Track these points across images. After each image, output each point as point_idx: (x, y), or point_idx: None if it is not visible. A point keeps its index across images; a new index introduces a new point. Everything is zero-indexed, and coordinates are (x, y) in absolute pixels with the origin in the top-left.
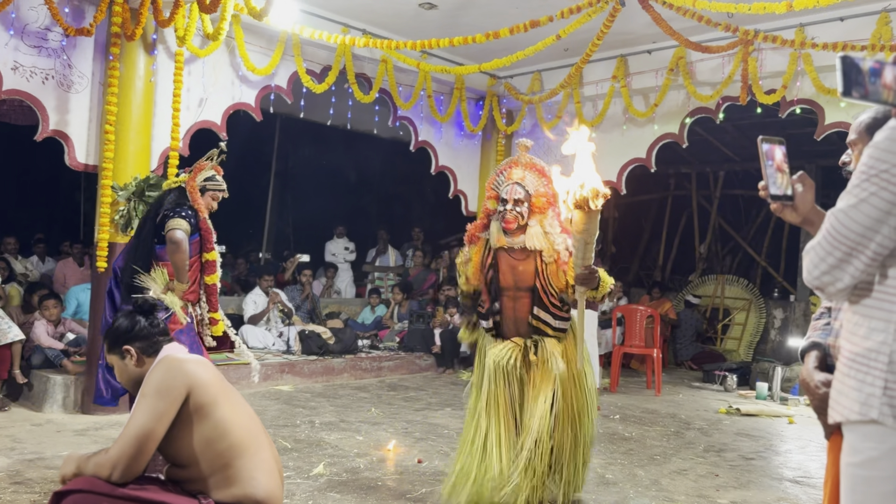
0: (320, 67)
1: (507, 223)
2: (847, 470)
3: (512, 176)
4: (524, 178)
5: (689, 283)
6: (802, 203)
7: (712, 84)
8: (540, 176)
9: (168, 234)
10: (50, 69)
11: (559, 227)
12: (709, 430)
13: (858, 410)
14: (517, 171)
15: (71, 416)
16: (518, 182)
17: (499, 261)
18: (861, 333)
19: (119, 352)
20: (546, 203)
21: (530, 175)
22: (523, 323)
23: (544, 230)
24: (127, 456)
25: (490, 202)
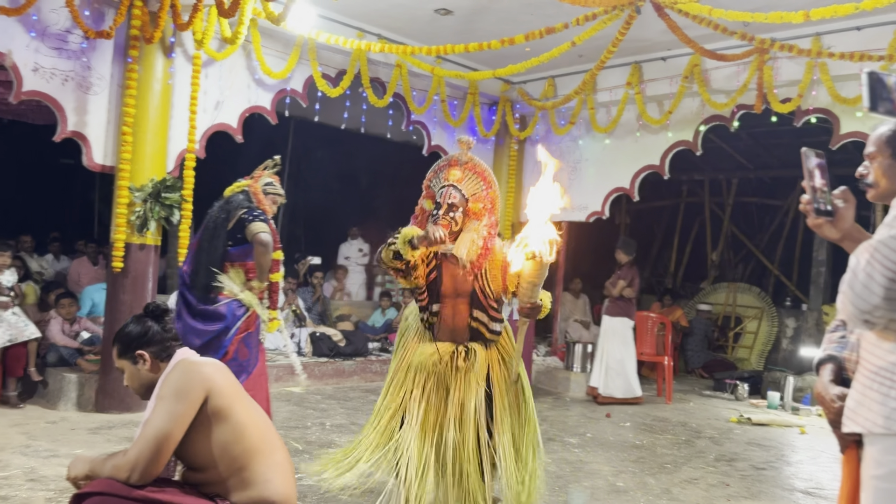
0: (335, 71)
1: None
2: (870, 482)
3: (449, 177)
4: (462, 179)
5: (700, 291)
6: (843, 220)
7: (727, 92)
8: (479, 179)
9: (256, 236)
10: (70, 71)
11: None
12: (720, 440)
13: (883, 424)
14: (455, 172)
15: (85, 415)
16: (454, 184)
17: (441, 265)
18: (886, 347)
19: (131, 357)
20: (482, 209)
21: (469, 177)
22: (461, 329)
23: (472, 239)
24: (145, 458)
25: (426, 202)
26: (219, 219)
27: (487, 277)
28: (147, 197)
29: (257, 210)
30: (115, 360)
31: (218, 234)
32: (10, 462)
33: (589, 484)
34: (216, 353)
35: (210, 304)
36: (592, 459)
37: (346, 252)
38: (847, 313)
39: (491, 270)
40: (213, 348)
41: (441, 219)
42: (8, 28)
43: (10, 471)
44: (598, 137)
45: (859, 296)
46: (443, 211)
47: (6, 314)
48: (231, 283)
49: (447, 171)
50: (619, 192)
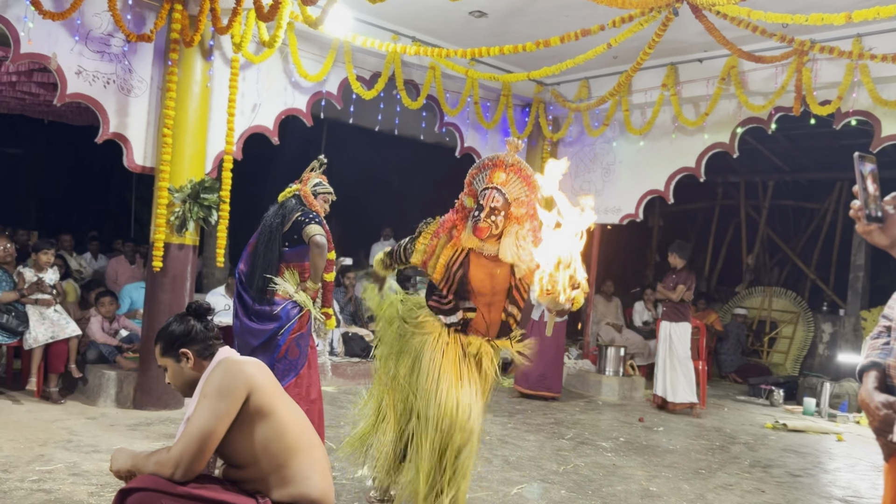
0: (370, 74)
1: (478, 231)
2: None
3: (494, 178)
4: (506, 182)
5: (735, 295)
6: (893, 226)
7: (765, 94)
8: (523, 183)
9: (312, 238)
10: (111, 73)
11: (531, 240)
12: (755, 445)
13: None
14: (500, 174)
15: (124, 411)
16: (498, 187)
17: (470, 262)
18: None
19: (175, 355)
20: (525, 214)
21: (513, 181)
22: (495, 325)
23: (517, 244)
24: (189, 455)
25: (467, 198)
26: (274, 223)
27: (519, 280)
28: (186, 198)
29: (312, 212)
30: (158, 357)
31: (274, 237)
32: (52, 456)
33: (623, 488)
34: (272, 352)
35: (266, 305)
36: (626, 464)
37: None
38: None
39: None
40: (269, 348)
41: (482, 221)
42: (52, 32)
43: (53, 465)
44: (633, 139)
45: None
46: (484, 213)
47: (48, 312)
48: (286, 284)
49: (492, 171)
50: (654, 194)
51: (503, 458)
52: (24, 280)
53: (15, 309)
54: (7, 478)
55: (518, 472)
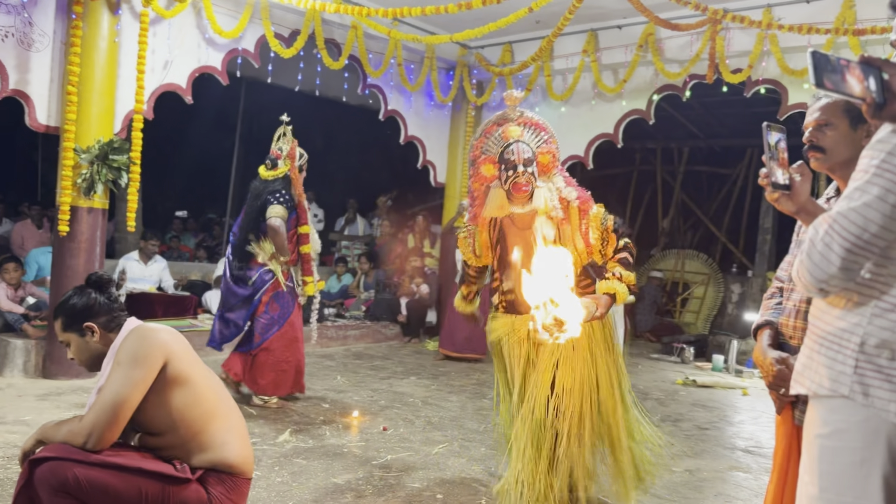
0: (289, 32)
1: (519, 189)
2: (815, 441)
3: (510, 134)
4: (524, 134)
5: (651, 258)
6: (799, 193)
7: (680, 62)
8: (539, 130)
9: (268, 221)
10: (10, 27)
11: (564, 182)
12: (666, 401)
13: (829, 386)
14: (514, 129)
15: (32, 381)
16: (519, 140)
17: (506, 234)
18: (835, 314)
19: (79, 329)
20: (552, 160)
21: (529, 130)
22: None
23: (551, 191)
24: (102, 423)
25: (486, 168)
26: (259, 195)
27: (569, 236)
28: (94, 159)
29: (283, 194)
30: (60, 333)
31: (254, 210)
32: None
33: None
34: (248, 309)
35: (244, 271)
36: None
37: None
38: (804, 282)
39: (573, 229)
40: (246, 306)
41: (520, 176)
42: None
43: None
44: (555, 105)
45: (817, 265)
46: (521, 168)
47: None
48: (261, 251)
49: (505, 129)
50: (574, 160)
51: (426, 419)
52: None
53: None
54: None
55: (440, 433)
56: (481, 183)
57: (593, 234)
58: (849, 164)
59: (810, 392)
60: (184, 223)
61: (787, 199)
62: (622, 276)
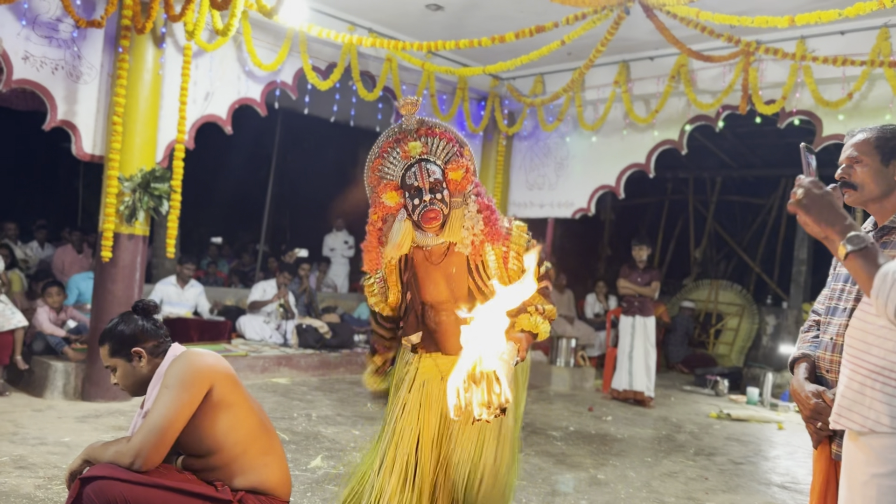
0: (325, 64)
1: (429, 220)
2: (873, 481)
3: (411, 151)
4: (428, 150)
5: (683, 287)
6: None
7: (713, 92)
8: (445, 141)
9: None
10: (60, 59)
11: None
12: (699, 434)
13: (889, 423)
14: (415, 145)
15: (71, 403)
16: (424, 157)
17: (417, 269)
18: (889, 347)
19: (126, 355)
20: (465, 176)
21: (434, 143)
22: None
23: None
24: (149, 445)
25: (388, 196)
26: None
27: (484, 271)
28: (136, 187)
29: None
30: (106, 358)
31: None
32: None
33: (572, 476)
34: None
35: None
36: (575, 452)
37: (332, 243)
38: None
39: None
40: None
41: (429, 205)
42: None
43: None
44: (586, 135)
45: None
46: (428, 196)
47: None
48: None
49: (403, 145)
50: (605, 189)
51: None
52: None
53: None
54: None
55: None
56: (385, 213)
57: (514, 261)
58: (882, 199)
59: (864, 428)
60: (219, 249)
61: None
62: (545, 310)
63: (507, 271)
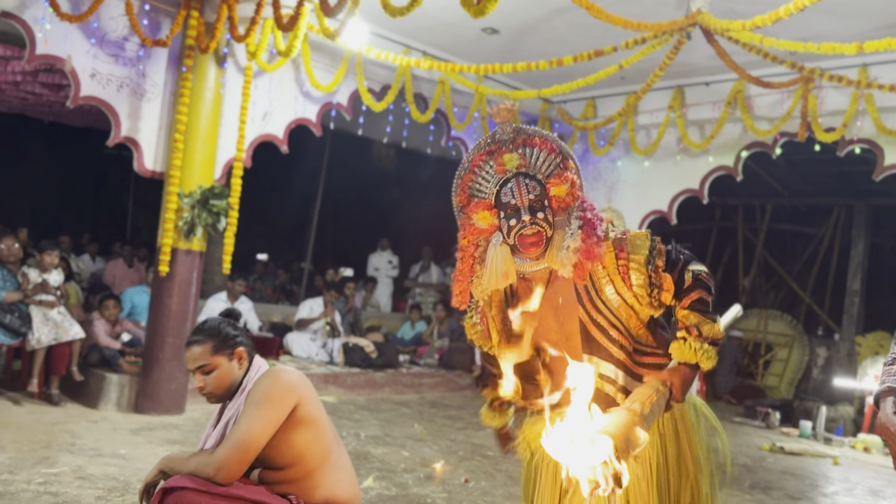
0: (380, 86)
1: (527, 244)
2: None
3: (507, 165)
4: (526, 162)
5: None
6: None
7: (770, 119)
8: (546, 152)
9: None
10: (125, 77)
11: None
12: (753, 468)
13: None
14: (511, 157)
15: (125, 416)
16: (521, 171)
17: (521, 300)
18: None
19: (229, 353)
20: (569, 192)
21: (534, 155)
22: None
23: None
24: (234, 459)
25: (481, 217)
26: None
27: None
28: (195, 203)
29: None
30: (205, 356)
31: None
32: (57, 459)
33: None
34: None
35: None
36: None
37: (376, 263)
38: None
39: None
40: None
41: (528, 227)
42: (69, 34)
43: (58, 468)
44: (638, 159)
45: None
46: (527, 216)
47: (52, 313)
48: None
49: (498, 158)
50: (657, 214)
51: (506, 474)
52: (29, 280)
53: (18, 309)
54: (13, 479)
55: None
56: (476, 237)
57: (636, 277)
58: None
59: None
60: (265, 266)
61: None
62: (701, 329)
63: (630, 289)
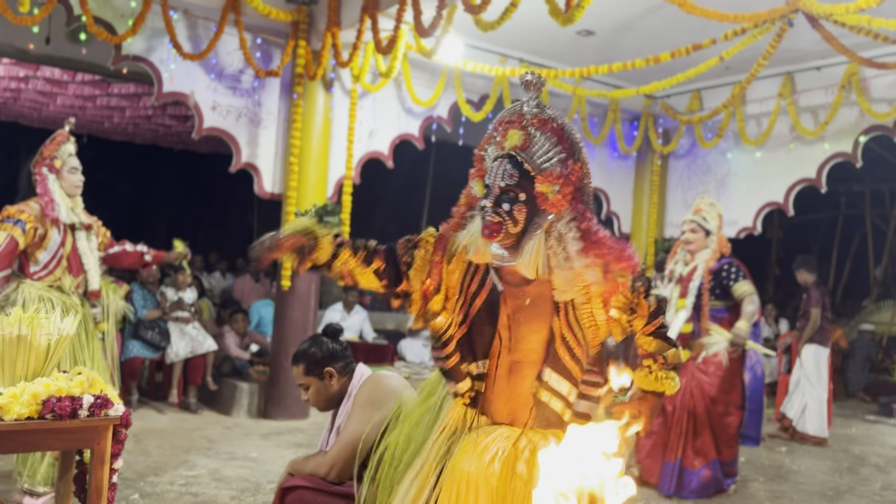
0: (478, 96)
1: (484, 232)
2: None
3: (506, 141)
4: (526, 144)
5: (862, 309)
6: None
7: (889, 101)
8: (553, 141)
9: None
10: (243, 107)
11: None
12: (886, 468)
13: None
14: (515, 133)
15: (255, 421)
16: (514, 153)
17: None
18: None
19: (319, 374)
20: (560, 194)
21: (537, 140)
22: (522, 398)
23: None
24: (343, 459)
25: (477, 185)
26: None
27: (576, 315)
28: None
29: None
30: (300, 377)
31: None
32: (196, 463)
33: None
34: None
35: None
36: (748, 484)
37: None
38: None
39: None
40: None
41: (490, 212)
42: (191, 72)
43: (197, 470)
44: (749, 150)
45: None
46: (491, 200)
47: (188, 328)
48: None
49: (504, 132)
50: (772, 206)
51: None
52: (167, 299)
53: (158, 326)
54: (158, 480)
55: None
56: (466, 202)
57: (616, 300)
58: None
59: None
60: None
61: None
62: (666, 357)
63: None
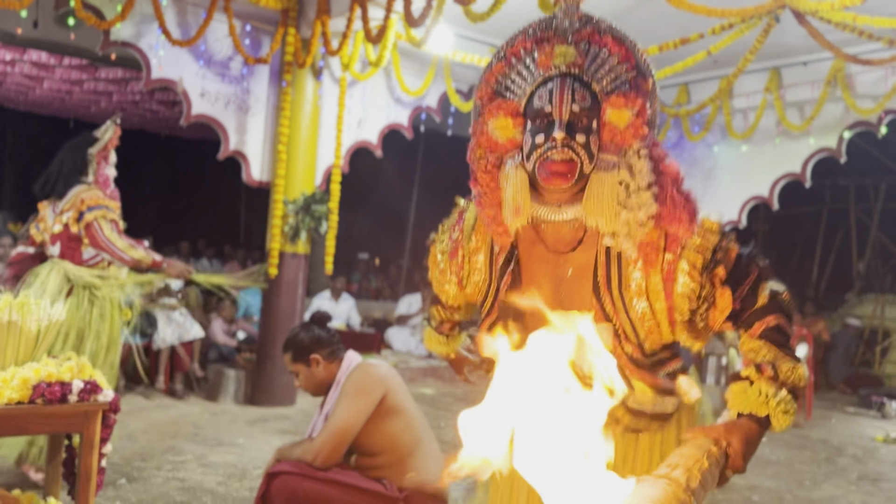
0: (467, 86)
1: (552, 174)
2: None
3: (554, 59)
4: (584, 61)
5: (845, 303)
6: None
7: (874, 97)
8: (619, 58)
9: None
10: (231, 94)
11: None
12: (863, 458)
13: None
14: (565, 49)
15: (241, 407)
16: (570, 72)
17: (523, 261)
18: None
19: (306, 361)
20: (635, 122)
21: (599, 55)
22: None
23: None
24: (329, 445)
25: (499, 123)
26: None
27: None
28: (299, 209)
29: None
30: (289, 364)
31: None
32: (183, 448)
33: (723, 497)
34: None
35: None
36: None
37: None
38: None
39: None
40: None
41: (558, 148)
42: (180, 58)
43: (183, 456)
44: (735, 144)
45: None
46: (560, 133)
47: (175, 315)
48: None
49: (545, 49)
50: (757, 200)
51: None
52: (153, 285)
53: (144, 313)
54: (145, 466)
55: None
56: (488, 151)
57: (684, 282)
58: None
59: None
60: (367, 264)
61: None
62: (778, 370)
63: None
